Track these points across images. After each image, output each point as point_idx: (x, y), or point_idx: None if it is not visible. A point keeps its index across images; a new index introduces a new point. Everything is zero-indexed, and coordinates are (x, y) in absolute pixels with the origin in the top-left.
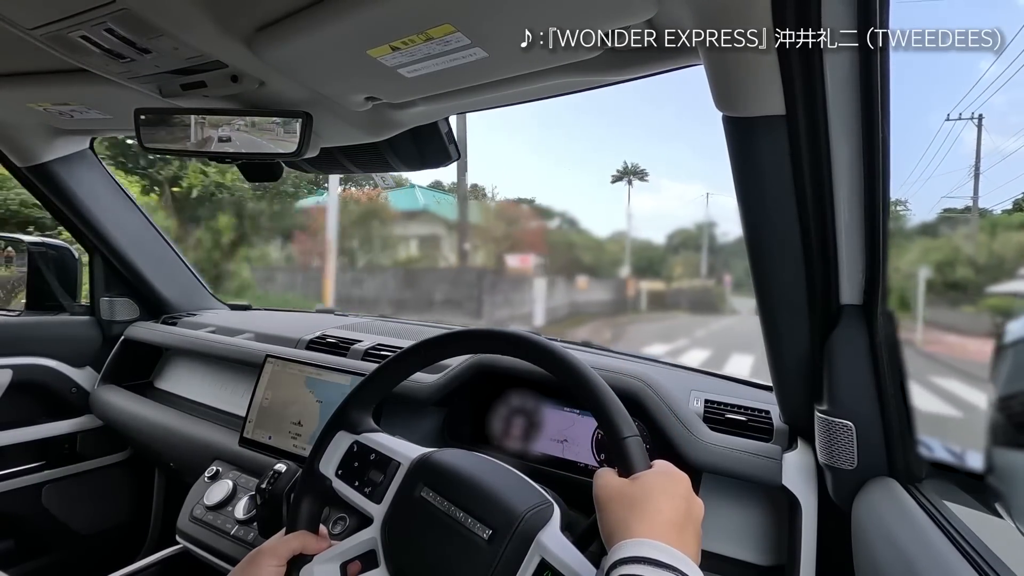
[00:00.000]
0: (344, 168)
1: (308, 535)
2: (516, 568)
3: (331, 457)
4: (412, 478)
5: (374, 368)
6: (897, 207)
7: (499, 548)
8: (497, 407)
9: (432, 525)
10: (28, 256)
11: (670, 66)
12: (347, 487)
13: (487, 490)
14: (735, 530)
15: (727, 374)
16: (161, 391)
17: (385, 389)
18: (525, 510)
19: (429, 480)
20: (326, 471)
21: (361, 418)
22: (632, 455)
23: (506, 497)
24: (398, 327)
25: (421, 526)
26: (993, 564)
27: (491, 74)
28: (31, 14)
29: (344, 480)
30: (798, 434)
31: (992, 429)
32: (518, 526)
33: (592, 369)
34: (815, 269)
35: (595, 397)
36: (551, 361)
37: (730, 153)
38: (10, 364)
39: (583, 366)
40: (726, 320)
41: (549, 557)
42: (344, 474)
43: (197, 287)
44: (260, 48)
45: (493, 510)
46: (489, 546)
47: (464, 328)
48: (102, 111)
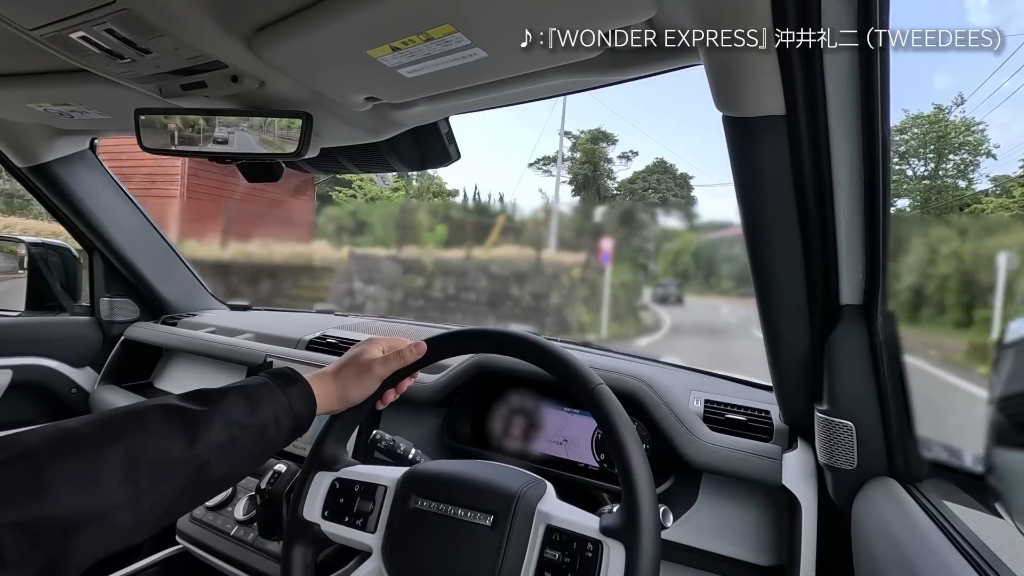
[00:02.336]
0: (344, 168)
1: (406, 351)
2: (525, 542)
3: (314, 500)
4: (402, 494)
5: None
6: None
7: (504, 529)
8: (497, 407)
9: (433, 530)
10: (28, 256)
11: (670, 66)
12: (337, 526)
13: (478, 482)
14: (735, 530)
15: (727, 374)
16: (161, 391)
17: (358, 419)
18: (519, 488)
19: (419, 490)
20: (311, 516)
21: (338, 453)
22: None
23: (498, 483)
24: (398, 327)
25: (423, 535)
26: (993, 564)
27: (491, 74)
28: (31, 14)
29: (333, 520)
30: (798, 434)
31: (992, 429)
32: (517, 504)
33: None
34: (815, 269)
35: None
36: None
37: (730, 153)
38: (10, 364)
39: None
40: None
41: (554, 522)
42: (331, 514)
43: (197, 287)
44: (260, 48)
45: (489, 498)
46: (494, 531)
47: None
48: (102, 111)
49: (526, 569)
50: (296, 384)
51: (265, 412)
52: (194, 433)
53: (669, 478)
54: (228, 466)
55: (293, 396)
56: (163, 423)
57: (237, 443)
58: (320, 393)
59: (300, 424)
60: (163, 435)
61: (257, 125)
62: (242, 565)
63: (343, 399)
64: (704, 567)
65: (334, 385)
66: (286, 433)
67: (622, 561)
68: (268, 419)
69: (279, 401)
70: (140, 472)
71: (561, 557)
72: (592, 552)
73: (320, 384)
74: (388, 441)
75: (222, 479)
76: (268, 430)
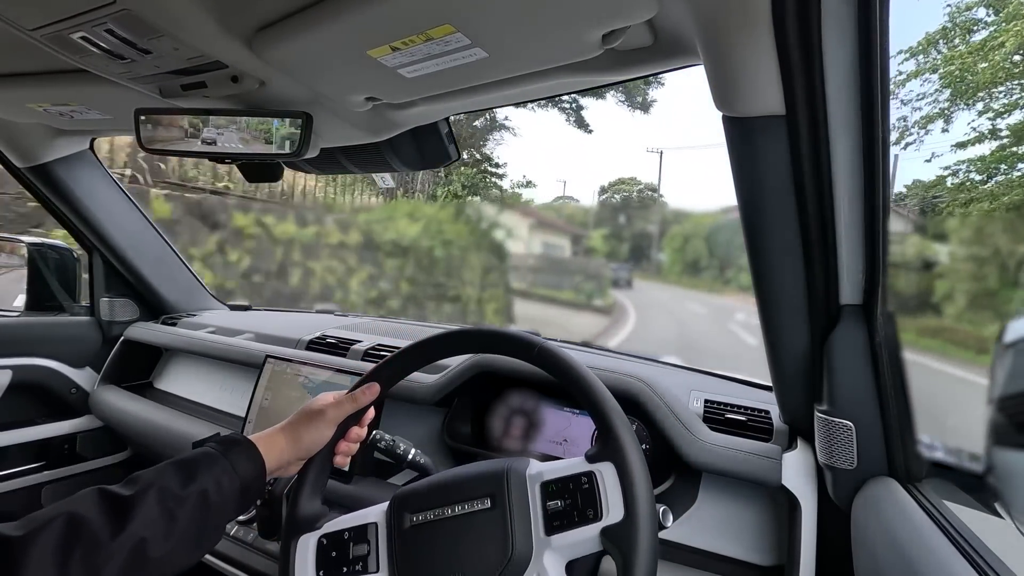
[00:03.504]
0: (344, 168)
1: (359, 396)
2: (527, 505)
3: (304, 567)
4: (396, 519)
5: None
6: None
7: (504, 503)
8: (497, 407)
9: (438, 536)
10: (28, 256)
11: (670, 66)
12: None
13: (465, 477)
14: (735, 530)
15: (727, 374)
16: (161, 392)
17: (325, 469)
18: (505, 466)
19: (412, 507)
20: None
21: (315, 509)
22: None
23: (483, 470)
24: (398, 327)
25: (429, 545)
26: (993, 564)
27: (491, 74)
28: (31, 15)
29: None
30: (798, 434)
31: (992, 429)
32: (508, 477)
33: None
34: (815, 269)
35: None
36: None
37: (730, 153)
38: (10, 365)
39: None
40: None
41: (546, 476)
42: (327, 571)
43: (197, 287)
44: (260, 48)
45: (479, 484)
46: (495, 509)
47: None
48: (102, 112)
49: (535, 528)
50: (238, 445)
51: (203, 479)
52: (125, 512)
53: (669, 478)
54: (170, 542)
55: (235, 457)
56: (93, 505)
57: (174, 516)
58: (268, 449)
59: (249, 485)
60: (94, 516)
61: (257, 125)
62: (242, 565)
63: (297, 450)
64: (704, 567)
65: (283, 438)
66: (233, 498)
67: (614, 474)
68: (208, 485)
69: (219, 464)
70: (72, 556)
71: (563, 502)
72: (587, 482)
73: (266, 441)
74: (388, 441)
75: (167, 556)
76: (209, 496)
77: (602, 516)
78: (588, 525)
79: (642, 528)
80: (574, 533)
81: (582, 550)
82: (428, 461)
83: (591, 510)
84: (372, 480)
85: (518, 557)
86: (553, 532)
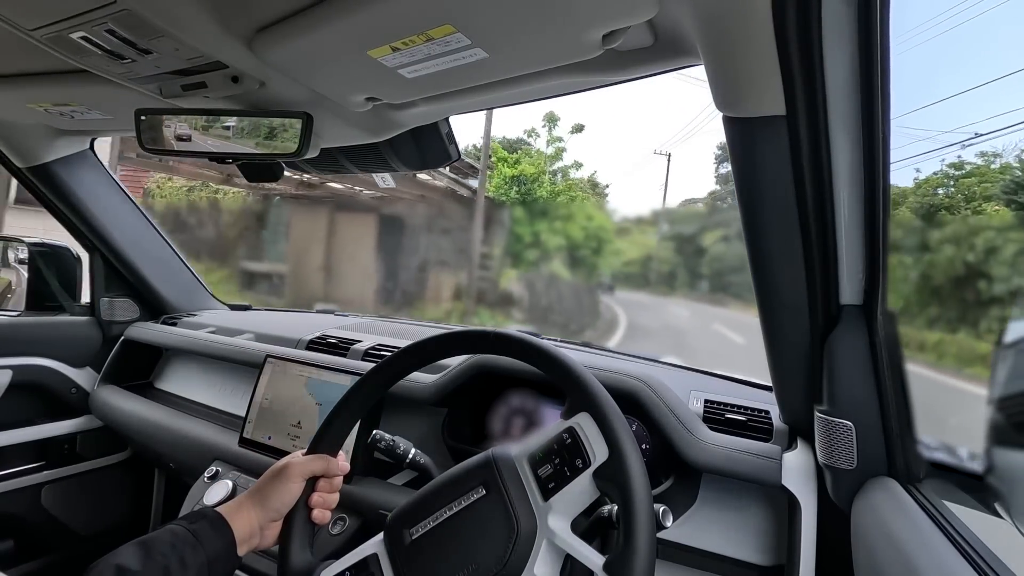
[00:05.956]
0: (344, 168)
1: (330, 459)
2: (520, 482)
3: None
4: (396, 541)
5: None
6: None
7: (498, 484)
8: (497, 407)
9: (442, 539)
10: (28, 256)
11: (670, 66)
12: None
13: (452, 477)
14: (735, 530)
15: (727, 374)
16: (161, 391)
17: (303, 518)
18: (489, 454)
19: (406, 524)
20: None
21: (307, 561)
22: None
23: (468, 465)
24: (398, 327)
25: (435, 551)
26: (992, 564)
27: (491, 74)
28: (32, 15)
29: None
30: (798, 434)
31: (992, 429)
32: (496, 462)
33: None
34: (815, 269)
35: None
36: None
37: (730, 153)
38: (10, 364)
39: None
40: None
41: (531, 450)
42: None
43: (197, 287)
44: (261, 49)
45: (469, 478)
46: (492, 493)
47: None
48: (103, 112)
49: (533, 497)
50: (204, 518)
51: (164, 553)
52: None
53: (669, 478)
54: None
55: (200, 529)
56: None
57: None
58: (235, 518)
59: (217, 557)
60: None
61: (257, 125)
62: (241, 565)
63: (267, 512)
64: (704, 567)
65: (249, 503)
66: (199, 572)
67: (591, 420)
68: (170, 560)
69: (181, 537)
70: None
71: (551, 465)
72: (569, 437)
73: (234, 510)
74: (388, 441)
75: None
76: (171, 572)
77: (591, 462)
78: (580, 475)
79: (629, 456)
80: (569, 488)
81: (581, 501)
82: (428, 461)
83: (579, 459)
84: (372, 480)
85: (524, 530)
86: (550, 495)
